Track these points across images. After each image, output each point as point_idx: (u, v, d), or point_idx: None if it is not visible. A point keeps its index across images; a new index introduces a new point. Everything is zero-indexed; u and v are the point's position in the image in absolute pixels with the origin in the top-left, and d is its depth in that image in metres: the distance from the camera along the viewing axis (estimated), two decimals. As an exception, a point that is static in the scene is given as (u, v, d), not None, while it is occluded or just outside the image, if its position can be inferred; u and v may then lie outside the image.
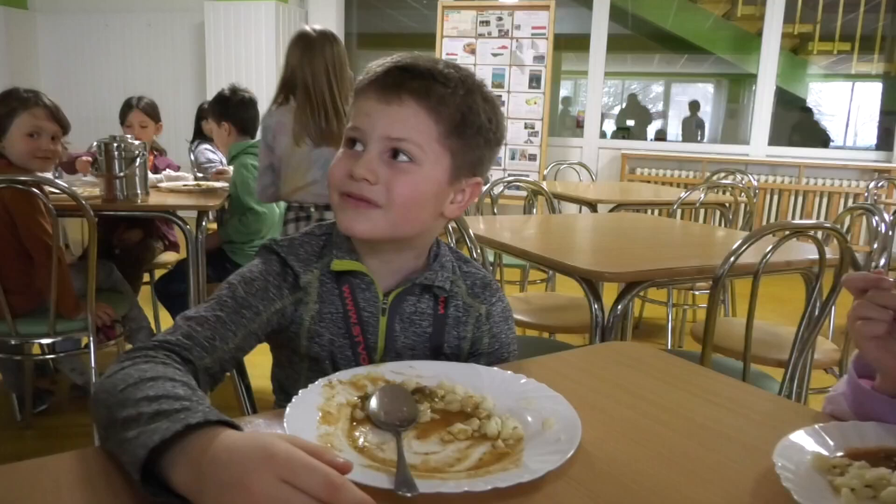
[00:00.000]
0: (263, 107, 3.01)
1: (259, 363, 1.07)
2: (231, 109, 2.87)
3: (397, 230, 0.86)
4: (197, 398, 0.64)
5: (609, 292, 1.66)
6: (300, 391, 0.74)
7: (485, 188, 2.99)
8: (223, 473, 0.53)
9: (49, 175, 2.26)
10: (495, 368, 0.85)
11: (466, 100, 0.85)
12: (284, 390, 0.97)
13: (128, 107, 3.30)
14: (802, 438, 0.68)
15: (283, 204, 2.85)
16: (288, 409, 0.70)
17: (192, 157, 3.97)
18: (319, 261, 0.91)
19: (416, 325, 0.92)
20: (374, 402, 0.73)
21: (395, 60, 0.86)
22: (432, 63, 0.86)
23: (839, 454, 0.66)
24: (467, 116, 0.85)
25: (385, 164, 0.84)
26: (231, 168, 2.89)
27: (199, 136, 4.02)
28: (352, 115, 0.88)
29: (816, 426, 0.70)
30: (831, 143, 6.83)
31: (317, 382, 0.76)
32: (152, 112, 3.34)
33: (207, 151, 3.87)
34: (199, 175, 3.47)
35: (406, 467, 0.61)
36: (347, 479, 0.52)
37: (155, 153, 3.37)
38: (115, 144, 2.37)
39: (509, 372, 0.83)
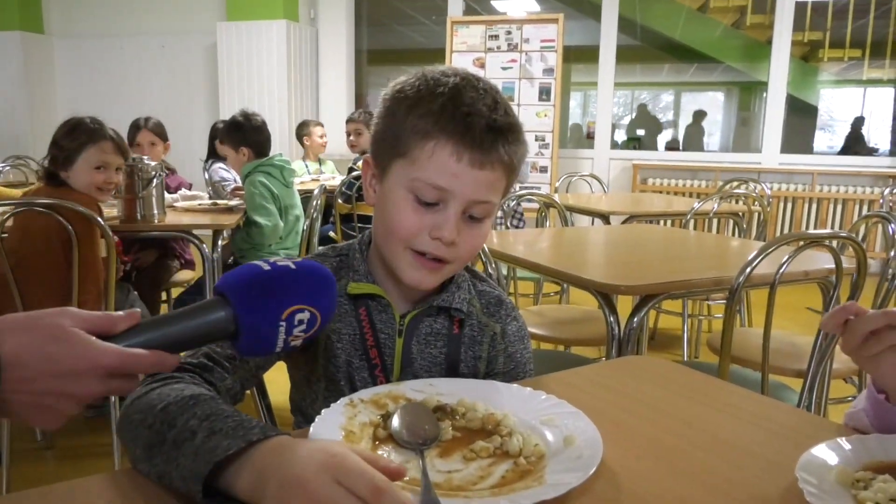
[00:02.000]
0: (275, 126, 3.07)
1: (275, 379, 1.08)
2: (248, 135, 2.95)
3: (455, 272, 0.91)
4: (242, 414, 0.67)
5: (624, 303, 1.66)
6: (323, 410, 0.74)
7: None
8: (284, 470, 0.57)
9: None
10: (515, 385, 0.85)
11: (521, 140, 0.87)
12: (302, 412, 0.98)
13: (136, 127, 3.36)
14: (825, 452, 0.68)
15: (293, 218, 2.96)
16: (311, 428, 0.71)
17: (207, 176, 4.02)
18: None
19: (431, 345, 0.92)
20: (396, 421, 0.74)
21: (484, 113, 0.81)
22: (509, 115, 0.84)
23: (862, 468, 0.66)
24: (521, 159, 0.87)
25: (463, 221, 0.84)
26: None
27: (213, 155, 4.08)
28: (418, 165, 0.82)
29: (839, 439, 0.70)
30: (844, 150, 6.78)
31: (339, 402, 0.77)
32: (160, 131, 3.40)
33: (221, 170, 3.92)
34: (220, 192, 3.52)
35: (431, 488, 0.61)
36: (393, 485, 0.55)
37: (167, 172, 3.42)
38: (134, 166, 2.41)
39: (529, 389, 0.84)
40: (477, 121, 0.81)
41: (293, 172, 3.06)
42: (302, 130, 4.90)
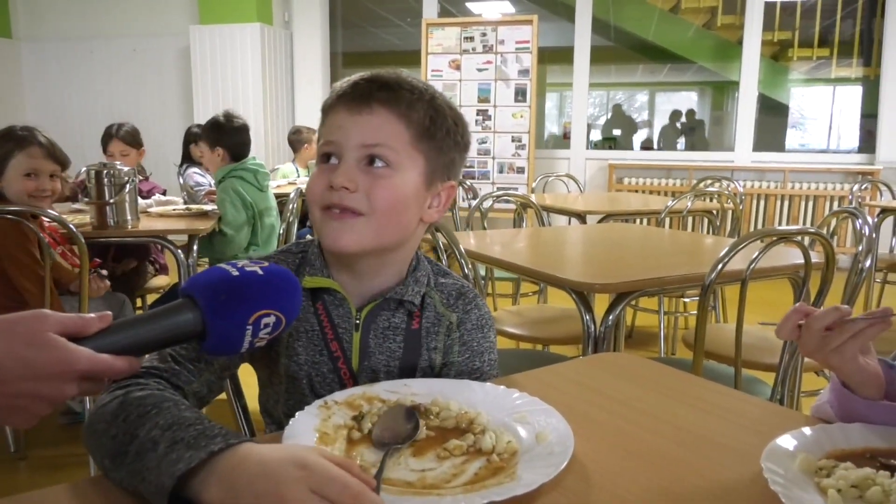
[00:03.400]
0: (250, 130, 3.05)
1: (254, 383, 1.08)
2: (225, 135, 2.91)
3: (382, 238, 0.88)
4: (206, 419, 0.66)
5: (601, 302, 1.68)
6: (297, 413, 0.75)
7: (475, 202, 3.01)
8: (258, 484, 0.57)
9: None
10: (489, 384, 0.86)
11: (433, 104, 0.89)
12: (268, 412, 0.98)
13: (108, 136, 3.32)
14: (789, 442, 0.69)
15: (269, 224, 2.94)
16: (286, 430, 0.71)
17: (181, 181, 3.98)
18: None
19: (390, 339, 0.92)
20: (370, 423, 0.74)
21: (360, 75, 0.90)
22: (396, 74, 0.90)
23: (825, 456, 0.68)
24: (435, 120, 0.89)
25: (362, 171, 0.86)
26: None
27: (188, 159, 4.04)
28: (323, 132, 0.90)
29: (803, 429, 0.72)
30: (814, 147, 6.91)
31: (313, 404, 0.77)
32: (132, 140, 3.35)
33: (196, 175, 3.89)
34: (194, 197, 3.49)
35: (380, 485, 0.62)
36: (367, 489, 0.56)
37: (141, 177, 3.38)
38: (105, 171, 2.38)
39: (502, 387, 0.85)
40: (358, 82, 0.88)
41: (267, 176, 3.04)
42: (300, 136, 4.87)
